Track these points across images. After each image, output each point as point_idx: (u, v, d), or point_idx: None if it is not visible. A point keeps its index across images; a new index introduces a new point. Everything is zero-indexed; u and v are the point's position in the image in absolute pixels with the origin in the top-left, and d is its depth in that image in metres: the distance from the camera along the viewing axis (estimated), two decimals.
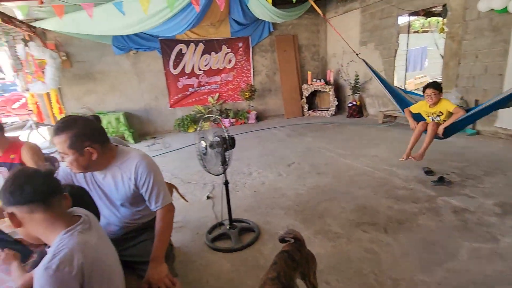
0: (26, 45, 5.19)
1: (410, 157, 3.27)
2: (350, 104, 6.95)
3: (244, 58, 7.42)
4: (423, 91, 3.23)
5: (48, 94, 6.01)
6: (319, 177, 3.61)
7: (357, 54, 4.29)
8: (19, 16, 4.90)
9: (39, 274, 0.80)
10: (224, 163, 2.31)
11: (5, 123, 7.46)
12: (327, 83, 7.38)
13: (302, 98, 7.68)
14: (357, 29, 6.74)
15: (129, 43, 6.40)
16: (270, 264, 1.30)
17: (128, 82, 6.80)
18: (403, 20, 6.23)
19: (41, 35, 5.74)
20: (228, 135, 2.20)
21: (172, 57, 6.91)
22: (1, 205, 0.94)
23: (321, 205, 2.90)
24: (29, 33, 5.36)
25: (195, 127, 7.05)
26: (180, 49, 6.92)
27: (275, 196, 3.17)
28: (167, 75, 6.99)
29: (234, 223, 2.53)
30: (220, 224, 2.64)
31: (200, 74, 7.22)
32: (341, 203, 2.89)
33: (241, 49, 7.32)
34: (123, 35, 6.12)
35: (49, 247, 0.94)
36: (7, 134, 2.11)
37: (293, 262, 1.30)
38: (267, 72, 7.79)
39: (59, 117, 6.07)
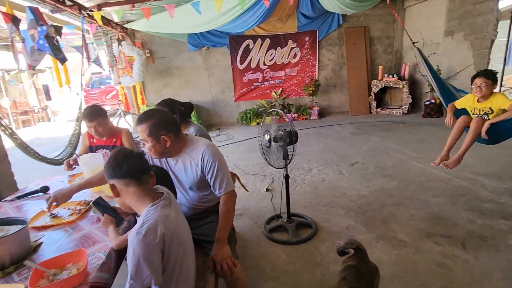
0: (119, 44, 6.02)
1: (442, 164, 2.71)
2: (428, 102, 6.22)
3: (309, 52, 7.27)
4: (471, 82, 2.65)
5: (134, 87, 6.90)
6: (385, 179, 3.37)
7: (413, 43, 3.88)
8: (115, 19, 5.71)
9: (132, 237, 0.96)
10: (286, 157, 2.34)
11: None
12: (400, 78, 6.74)
13: (370, 95, 7.20)
14: (442, 17, 5.95)
15: (202, 40, 6.87)
16: (339, 280, 1.25)
17: (199, 76, 7.32)
18: (505, 3, 5.24)
19: (131, 35, 6.58)
20: (292, 130, 2.22)
21: (240, 52, 7.18)
22: (105, 177, 1.14)
23: (386, 209, 2.71)
24: (122, 34, 6.20)
25: (258, 121, 7.24)
26: (247, 45, 7.15)
27: (335, 195, 3.09)
28: (234, 69, 7.30)
29: (292, 217, 2.55)
30: (278, 216, 2.70)
31: (264, 69, 7.35)
32: (409, 210, 2.65)
33: (307, 43, 7.19)
34: (197, 33, 6.60)
35: (138, 216, 1.11)
36: None
37: (362, 277, 1.24)
38: (333, 67, 7.50)
39: (142, 107, 6.93)
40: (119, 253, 1.27)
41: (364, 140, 5.09)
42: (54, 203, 1.51)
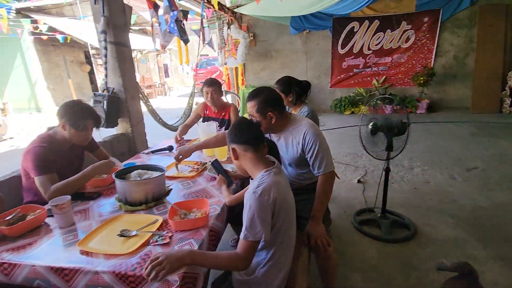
0: (228, 27, 6.52)
1: None
2: None
3: (427, 35, 6.31)
4: None
5: (236, 68, 7.44)
6: None
7: None
8: (228, 4, 6.17)
9: (249, 195, 1.09)
10: (390, 148, 2.17)
11: None
12: None
13: (503, 89, 5.82)
14: None
15: (304, 23, 6.78)
16: None
17: (297, 60, 7.32)
18: None
19: (239, 19, 7.02)
20: (407, 120, 2.03)
21: (342, 36, 6.81)
22: (227, 141, 1.30)
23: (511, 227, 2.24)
24: (231, 18, 6.68)
25: (352, 109, 6.84)
26: (352, 27, 6.70)
27: (443, 201, 2.71)
28: (334, 54, 7.00)
29: (387, 214, 2.38)
30: (370, 210, 2.56)
31: (368, 54, 6.79)
32: None
33: (425, 25, 6.24)
34: (301, 16, 6.54)
35: (251, 179, 1.24)
36: None
37: None
38: (456, 53, 6.33)
39: (241, 87, 7.44)
40: (230, 209, 1.46)
41: (489, 143, 4.21)
42: (180, 157, 1.82)
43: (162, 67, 15.12)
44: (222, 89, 2.74)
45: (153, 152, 2.32)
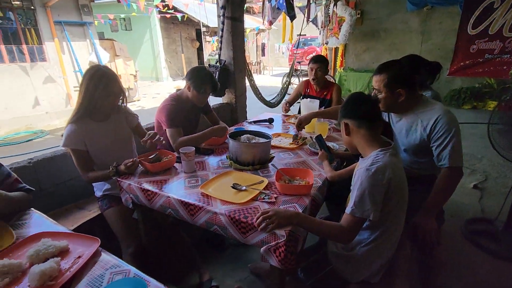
0: (335, 4, 6.16)
1: None
2: None
3: None
4: None
5: (335, 49, 7.07)
6: None
7: None
8: None
9: (361, 171, 1.06)
10: None
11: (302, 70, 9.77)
12: None
13: None
14: None
15: None
16: None
17: (409, 41, 6.44)
18: None
19: None
20: None
21: (476, 13, 5.57)
22: (339, 116, 1.28)
23: None
24: None
25: (474, 103, 5.70)
26: (491, 3, 5.40)
27: None
28: (460, 35, 5.83)
29: None
30: (488, 221, 2.16)
31: (509, 38, 5.41)
32: None
33: None
34: None
35: (361, 157, 1.20)
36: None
37: None
38: None
39: (339, 70, 7.07)
40: (329, 184, 1.46)
41: None
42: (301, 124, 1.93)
43: (260, 46, 15.60)
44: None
45: (254, 122, 2.48)
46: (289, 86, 5.11)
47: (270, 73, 15.04)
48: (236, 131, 1.75)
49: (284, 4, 3.86)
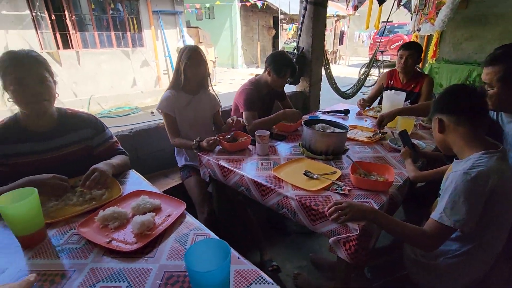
0: None
1: None
2: None
3: None
4: None
5: (428, 38, 6.21)
6: None
7: None
8: None
9: (458, 174, 0.93)
10: None
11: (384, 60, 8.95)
12: None
13: None
14: None
15: None
16: None
17: None
18: None
19: None
20: None
21: None
22: (431, 111, 1.13)
23: None
24: None
25: None
26: None
27: None
28: None
29: None
30: None
31: None
32: None
33: None
34: None
35: (456, 158, 1.05)
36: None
37: None
38: None
39: (430, 61, 6.23)
40: (411, 184, 1.33)
41: None
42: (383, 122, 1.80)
43: (337, 34, 14.79)
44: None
45: (328, 112, 2.40)
46: (367, 78, 4.75)
47: (346, 63, 14.20)
48: (310, 119, 1.73)
49: None
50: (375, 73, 7.88)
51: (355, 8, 3.66)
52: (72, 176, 1.12)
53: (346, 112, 2.34)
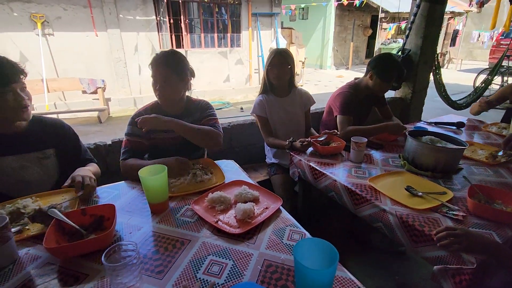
0: None
1: None
2: None
3: None
4: None
5: None
6: None
7: None
8: None
9: None
10: None
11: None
12: None
13: None
14: None
15: None
16: None
17: None
18: None
19: None
20: None
21: None
22: None
23: None
24: None
25: None
26: None
27: None
28: None
29: None
30: None
31: None
32: None
33: None
34: None
35: None
36: None
37: None
38: None
39: None
40: None
41: None
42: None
43: (449, 34, 12.79)
44: None
45: (436, 123, 2.12)
46: (489, 86, 3.97)
47: (456, 67, 12.18)
48: (415, 130, 1.56)
49: None
50: (497, 80, 6.51)
51: (481, 4, 3.09)
52: (189, 153, 1.35)
53: (460, 125, 2.02)
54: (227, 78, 7.60)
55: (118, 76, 6.16)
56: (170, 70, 1.30)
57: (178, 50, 1.67)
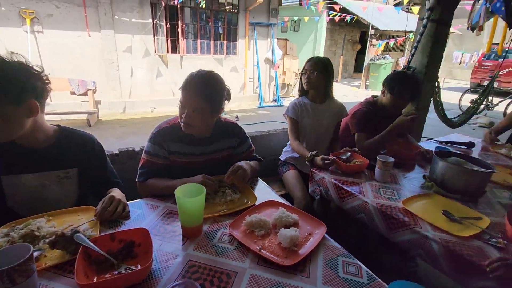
0: None
1: None
2: None
3: None
4: None
5: None
6: None
7: None
8: None
9: None
10: None
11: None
12: None
13: None
14: None
15: None
16: None
17: None
18: None
19: None
20: None
21: None
22: None
23: None
24: None
25: None
26: None
27: None
28: None
29: None
30: None
31: None
32: None
33: None
34: None
35: None
36: None
37: None
38: None
39: None
40: None
41: None
42: None
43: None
44: None
45: (446, 142, 2.13)
46: (480, 107, 4.13)
47: (446, 86, 12.71)
48: (440, 151, 1.55)
49: (503, 9, 3.07)
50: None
51: (481, 28, 3.21)
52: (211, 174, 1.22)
53: (471, 145, 2.05)
54: None
55: (109, 78, 5.93)
56: (202, 99, 1.14)
57: (174, 55, 1.57)
